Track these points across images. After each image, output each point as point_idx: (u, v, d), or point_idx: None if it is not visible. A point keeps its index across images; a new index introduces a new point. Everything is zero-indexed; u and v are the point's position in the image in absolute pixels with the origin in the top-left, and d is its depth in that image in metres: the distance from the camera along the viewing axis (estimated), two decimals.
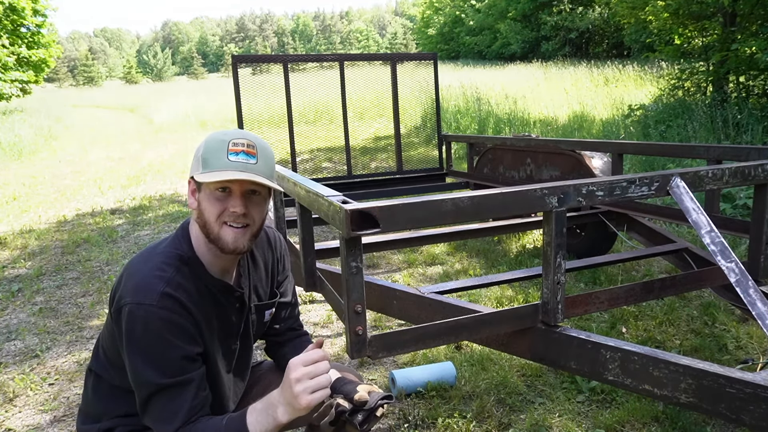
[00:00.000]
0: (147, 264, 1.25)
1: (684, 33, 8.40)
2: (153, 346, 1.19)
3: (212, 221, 1.23)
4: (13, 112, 18.56)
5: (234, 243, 1.24)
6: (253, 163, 1.22)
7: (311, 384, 1.13)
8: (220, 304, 1.33)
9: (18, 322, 3.47)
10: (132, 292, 1.21)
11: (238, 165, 1.20)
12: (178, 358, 1.21)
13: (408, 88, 4.93)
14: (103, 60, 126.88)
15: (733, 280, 1.56)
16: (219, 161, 1.21)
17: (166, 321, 1.19)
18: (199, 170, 1.22)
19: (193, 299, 1.25)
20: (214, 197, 1.23)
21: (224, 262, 1.32)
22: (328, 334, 3.12)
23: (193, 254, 1.29)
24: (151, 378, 1.19)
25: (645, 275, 3.72)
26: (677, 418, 2.13)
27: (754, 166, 1.78)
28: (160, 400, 1.20)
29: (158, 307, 1.18)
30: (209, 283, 1.30)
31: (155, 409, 1.21)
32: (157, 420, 1.21)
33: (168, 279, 1.22)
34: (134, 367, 1.20)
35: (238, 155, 1.21)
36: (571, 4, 30.65)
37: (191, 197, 1.28)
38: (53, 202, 7.21)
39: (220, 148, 1.22)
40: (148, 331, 1.18)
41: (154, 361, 1.19)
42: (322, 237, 4.99)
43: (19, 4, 17.14)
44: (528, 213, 2.35)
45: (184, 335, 1.22)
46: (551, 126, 9.93)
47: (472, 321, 1.55)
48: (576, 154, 3.54)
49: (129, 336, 1.19)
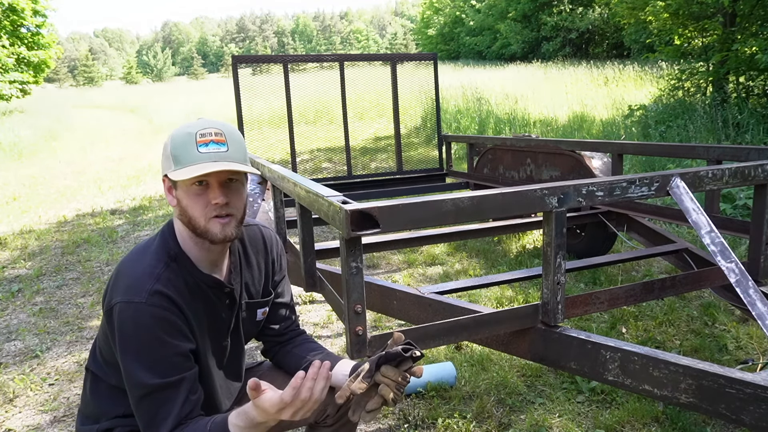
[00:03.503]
0: (137, 263, 1.25)
1: (684, 33, 8.40)
2: (144, 345, 1.18)
3: (198, 216, 1.23)
4: (13, 113, 18.57)
5: (222, 233, 1.24)
6: (224, 150, 1.21)
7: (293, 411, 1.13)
8: (209, 300, 1.32)
9: (18, 322, 3.47)
10: (122, 290, 1.20)
11: (210, 156, 1.19)
12: (171, 355, 1.20)
13: (408, 89, 4.93)
14: (103, 60, 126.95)
15: (733, 281, 1.56)
16: (189, 155, 1.19)
17: (157, 318, 1.19)
18: (171, 168, 1.20)
19: (183, 295, 1.25)
20: (193, 193, 1.22)
21: (213, 255, 1.32)
22: (328, 334, 3.12)
23: (180, 250, 1.28)
24: (142, 379, 1.18)
25: (645, 275, 3.72)
26: (677, 419, 2.13)
27: (754, 166, 1.78)
28: (152, 404, 1.19)
29: (148, 304, 1.18)
30: (199, 279, 1.30)
31: (146, 413, 1.21)
32: (148, 425, 1.21)
33: (157, 275, 1.22)
34: (126, 366, 1.20)
35: (208, 146, 1.20)
36: (571, 4, 30.63)
37: (169, 195, 1.27)
38: (53, 203, 7.21)
39: (187, 141, 1.20)
40: (138, 329, 1.18)
41: (145, 360, 1.18)
42: (322, 237, 4.99)
43: (19, 5, 17.15)
44: (528, 213, 2.36)
45: (176, 332, 1.22)
46: (551, 126, 9.93)
47: (472, 321, 1.55)
48: (576, 154, 3.54)
49: (120, 335, 1.19)
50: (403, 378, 1.20)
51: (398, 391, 1.20)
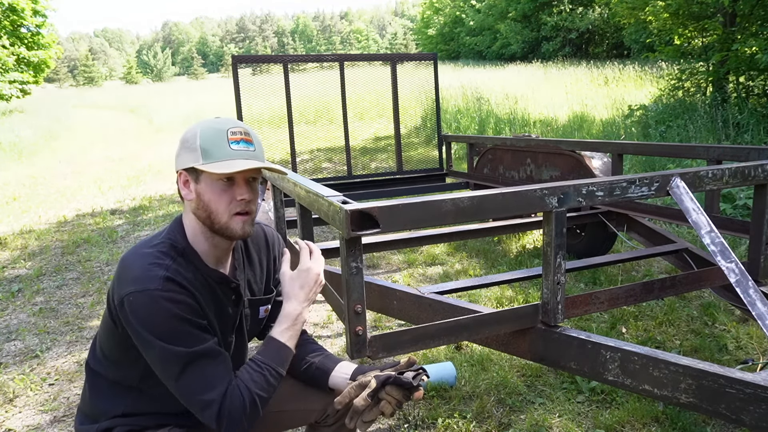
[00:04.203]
0: (143, 257, 1.24)
1: (684, 33, 8.40)
2: (167, 325, 1.18)
3: (221, 212, 1.24)
4: (13, 113, 18.56)
5: (243, 230, 1.27)
6: (253, 150, 1.25)
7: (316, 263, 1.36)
8: (216, 295, 1.33)
9: (18, 322, 3.47)
10: (132, 282, 1.19)
11: (242, 153, 1.23)
12: (195, 329, 1.22)
13: (408, 89, 4.93)
14: (103, 60, 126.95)
15: (733, 281, 1.56)
16: (222, 151, 1.21)
17: (174, 301, 1.19)
18: (199, 161, 1.22)
19: (194, 286, 1.26)
20: (219, 188, 1.23)
21: (219, 252, 1.33)
22: (328, 334, 3.12)
23: (188, 245, 1.29)
24: (178, 352, 1.18)
25: (645, 275, 3.72)
26: (677, 419, 2.13)
27: (754, 166, 1.78)
28: (194, 371, 1.19)
29: (163, 290, 1.18)
30: (206, 273, 1.30)
31: (192, 381, 1.19)
32: (197, 392, 1.19)
33: (167, 266, 1.22)
34: (155, 350, 1.18)
35: (239, 144, 1.23)
36: (571, 4, 30.63)
37: (185, 189, 1.27)
38: (53, 202, 7.21)
39: (219, 137, 1.23)
40: (158, 313, 1.17)
41: (173, 337, 1.18)
42: (322, 237, 4.99)
43: (19, 5, 17.15)
44: (528, 213, 2.35)
45: (193, 312, 1.23)
46: (551, 126, 9.93)
47: (472, 321, 1.55)
48: (576, 154, 3.54)
49: (141, 324, 1.18)
50: (405, 398, 1.26)
51: (398, 408, 1.26)
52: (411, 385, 1.25)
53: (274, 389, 1.27)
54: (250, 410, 1.21)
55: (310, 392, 1.48)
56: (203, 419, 1.21)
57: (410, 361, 1.32)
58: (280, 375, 1.29)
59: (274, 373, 1.27)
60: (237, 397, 1.20)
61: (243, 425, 1.21)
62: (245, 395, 1.21)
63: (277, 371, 1.28)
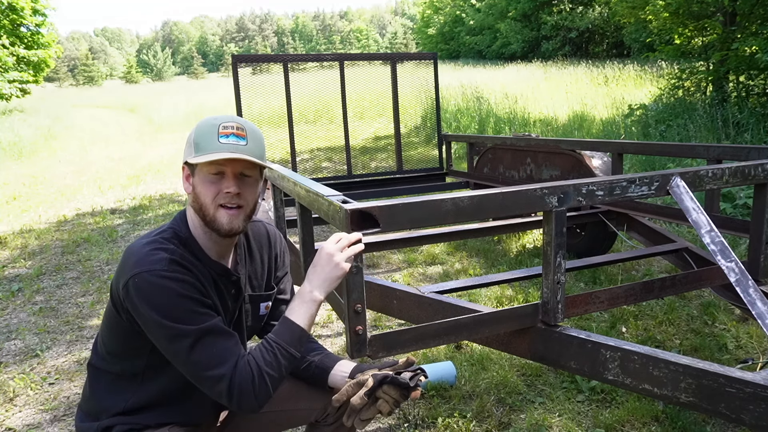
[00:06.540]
0: (146, 245, 1.26)
1: (684, 32, 8.40)
2: (173, 304, 1.19)
3: (208, 203, 1.27)
4: (13, 112, 18.55)
5: (229, 224, 1.28)
6: (243, 144, 1.27)
7: (345, 254, 1.27)
8: (217, 287, 1.34)
9: (18, 321, 3.47)
10: (137, 265, 1.21)
11: (229, 147, 1.25)
12: (201, 306, 1.23)
13: (408, 88, 4.93)
14: (103, 60, 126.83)
15: (733, 280, 1.56)
16: (210, 144, 1.24)
17: (179, 281, 1.21)
18: (192, 155, 1.26)
19: (197, 271, 1.28)
20: (208, 180, 1.27)
21: (221, 247, 1.35)
22: (328, 334, 3.12)
23: (191, 236, 1.32)
24: (185, 330, 1.19)
25: (645, 275, 3.72)
26: (677, 418, 2.14)
27: (754, 165, 1.78)
28: (203, 348, 1.19)
29: (168, 270, 1.20)
30: (207, 264, 1.32)
31: (201, 358, 1.19)
32: (207, 367, 1.19)
33: (171, 250, 1.25)
34: (163, 330, 1.19)
35: (228, 137, 1.26)
36: (571, 3, 30.63)
37: (186, 182, 1.33)
38: (53, 202, 7.21)
39: (210, 131, 1.26)
40: (164, 292, 1.19)
41: (180, 316, 1.19)
42: (322, 237, 4.99)
43: (19, 4, 17.12)
44: (528, 212, 2.36)
45: (199, 291, 1.24)
46: (551, 126, 9.93)
47: (472, 321, 1.55)
48: (576, 153, 3.54)
49: (147, 304, 1.18)
50: (402, 398, 1.27)
51: (395, 407, 1.27)
52: (408, 385, 1.26)
53: (285, 369, 1.25)
54: (258, 387, 1.20)
55: (310, 391, 1.48)
56: (216, 396, 1.21)
57: (409, 361, 1.33)
58: (292, 356, 1.25)
59: (285, 353, 1.24)
60: (247, 372, 1.20)
61: (253, 402, 1.20)
62: (254, 371, 1.21)
63: (288, 351, 1.25)
